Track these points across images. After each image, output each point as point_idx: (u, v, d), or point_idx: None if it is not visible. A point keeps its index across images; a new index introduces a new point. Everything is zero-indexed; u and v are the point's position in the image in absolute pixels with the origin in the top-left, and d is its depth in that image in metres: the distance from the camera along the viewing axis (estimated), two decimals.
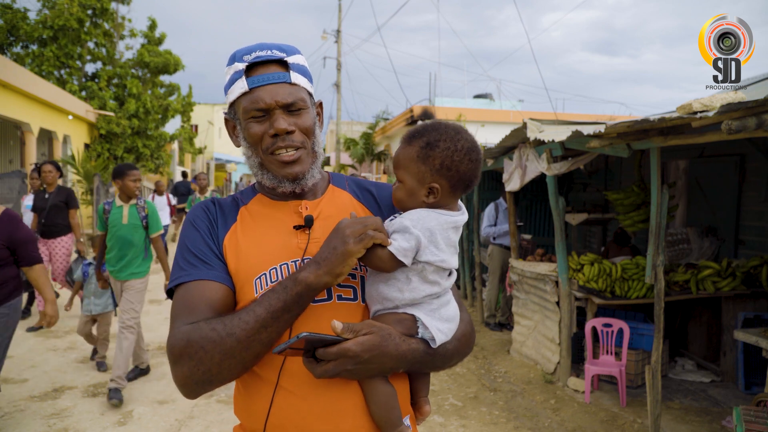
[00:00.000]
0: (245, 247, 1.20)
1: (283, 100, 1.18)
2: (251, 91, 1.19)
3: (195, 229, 1.23)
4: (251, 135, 1.21)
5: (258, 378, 1.15)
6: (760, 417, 3.01)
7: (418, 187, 1.16)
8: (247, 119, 1.21)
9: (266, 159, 1.22)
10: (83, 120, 15.73)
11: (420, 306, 1.14)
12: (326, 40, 24.19)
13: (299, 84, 1.22)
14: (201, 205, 1.29)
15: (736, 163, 5.80)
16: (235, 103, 1.24)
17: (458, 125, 1.22)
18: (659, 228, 3.66)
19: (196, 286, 1.14)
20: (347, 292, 1.18)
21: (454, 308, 1.20)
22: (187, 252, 1.20)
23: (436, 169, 1.15)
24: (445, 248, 1.14)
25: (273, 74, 1.19)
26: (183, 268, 1.18)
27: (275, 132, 1.18)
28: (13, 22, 15.94)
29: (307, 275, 1.07)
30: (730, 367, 4.91)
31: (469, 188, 1.20)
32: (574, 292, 4.90)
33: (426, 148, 1.15)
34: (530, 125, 4.87)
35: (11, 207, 8.88)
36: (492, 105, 19.21)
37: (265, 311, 1.06)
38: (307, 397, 1.11)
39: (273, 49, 1.22)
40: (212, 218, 1.25)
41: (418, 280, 1.13)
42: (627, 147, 3.78)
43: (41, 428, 3.83)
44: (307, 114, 1.23)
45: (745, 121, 2.64)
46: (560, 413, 4.35)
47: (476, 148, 1.19)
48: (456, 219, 1.17)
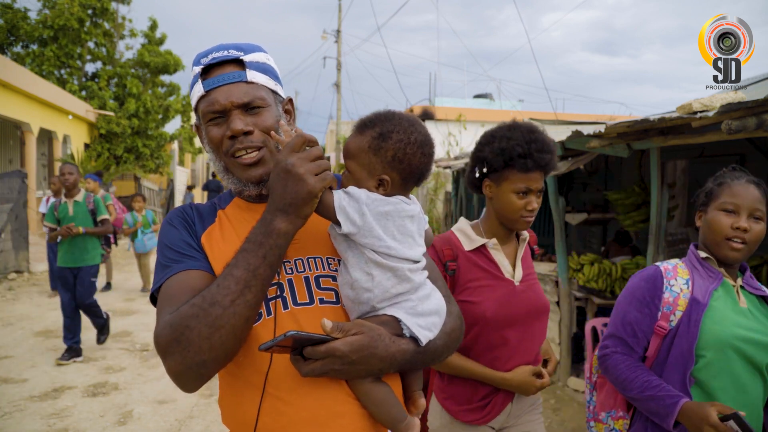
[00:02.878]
0: (223, 249, 1.16)
1: (239, 99, 1.15)
2: (207, 94, 1.16)
3: (173, 227, 1.21)
4: (211, 139, 1.18)
5: (244, 383, 1.11)
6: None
7: (367, 178, 1.13)
8: (206, 122, 1.18)
9: (228, 162, 1.19)
10: (83, 120, 15.74)
11: (398, 305, 1.11)
12: (326, 40, 24.21)
13: (257, 82, 1.18)
14: (178, 209, 1.27)
15: (736, 163, 5.79)
16: (197, 108, 1.21)
17: (412, 116, 1.19)
18: (659, 228, 3.66)
19: (178, 278, 1.11)
20: (329, 295, 1.15)
21: (436, 301, 1.17)
22: (166, 250, 1.18)
23: (388, 162, 1.12)
24: (399, 236, 1.11)
25: (227, 74, 1.16)
26: (165, 265, 1.15)
27: (232, 133, 1.15)
28: (14, 22, 15.95)
29: (279, 224, 1.03)
30: None
31: (421, 181, 1.18)
32: (574, 292, 4.90)
33: (378, 138, 1.12)
34: None
35: (11, 207, 8.89)
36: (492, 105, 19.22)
37: (244, 271, 1.02)
38: (294, 403, 1.07)
39: (230, 49, 1.19)
40: (189, 219, 1.24)
41: (379, 272, 1.09)
42: (627, 147, 3.78)
43: (41, 428, 3.83)
44: (268, 112, 1.18)
45: (745, 121, 2.64)
46: (560, 413, 4.35)
47: (429, 141, 1.17)
48: (411, 209, 1.14)
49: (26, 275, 9.07)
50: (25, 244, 9.31)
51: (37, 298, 7.67)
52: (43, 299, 7.64)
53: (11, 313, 6.86)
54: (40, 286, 8.43)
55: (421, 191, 11.02)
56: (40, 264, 9.64)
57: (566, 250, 4.92)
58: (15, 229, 9.00)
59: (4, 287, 8.20)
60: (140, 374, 4.92)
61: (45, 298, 7.74)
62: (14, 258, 8.98)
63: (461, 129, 12.56)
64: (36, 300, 7.59)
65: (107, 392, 4.49)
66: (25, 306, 7.25)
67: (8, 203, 8.93)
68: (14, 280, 8.69)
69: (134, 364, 5.18)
